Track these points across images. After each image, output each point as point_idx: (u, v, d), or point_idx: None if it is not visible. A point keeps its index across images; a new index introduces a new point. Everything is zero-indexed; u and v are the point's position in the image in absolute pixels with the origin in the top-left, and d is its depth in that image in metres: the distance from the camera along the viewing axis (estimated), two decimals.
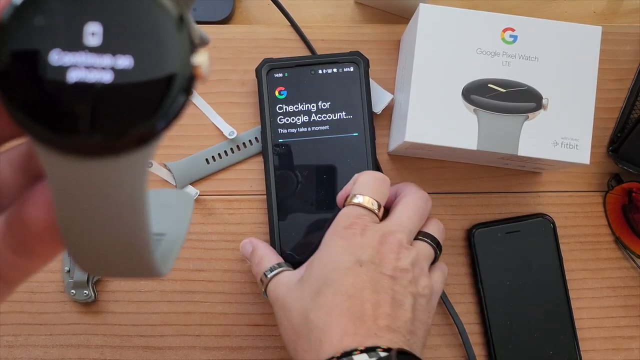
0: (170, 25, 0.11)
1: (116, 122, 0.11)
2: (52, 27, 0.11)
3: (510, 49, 0.37)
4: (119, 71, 0.11)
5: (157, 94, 0.11)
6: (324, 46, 0.44)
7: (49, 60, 0.11)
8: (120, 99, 0.11)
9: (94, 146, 0.11)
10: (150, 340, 0.42)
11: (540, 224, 0.42)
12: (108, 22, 0.11)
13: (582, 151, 0.36)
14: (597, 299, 0.43)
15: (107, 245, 0.13)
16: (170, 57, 0.11)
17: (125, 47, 0.11)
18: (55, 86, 0.11)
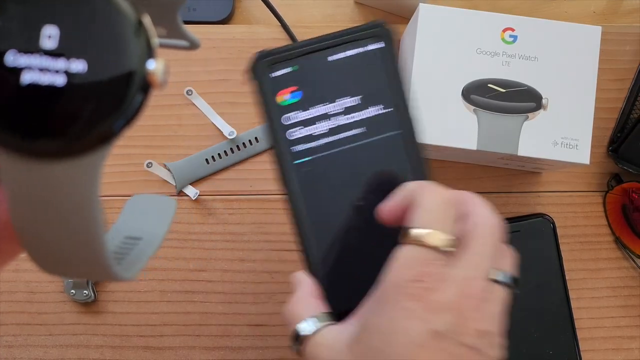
0: (127, 30, 0.11)
1: (68, 126, 0.11)
2: (9, 28, 0.11)
3: (510, 49, 0.37)
4: (72, 74, 0.11)
5: (108, 98, 0.11)
6: None
7: (4, 61, 0.11)
8: (73, 104, 0.11)
9: (46, 149, 0.11)
10: (149, 340, 0.42)
11: (540, 224, 0.42)
12: (65, 26, 0.11)
13: (582, 151, 0.36)
14: (597, 299, 0.43)
15: (61, 247, 0.13)
16: (125, 62, 0.11)
17: (80, 51, 0.11)
18: (8, 87, 0.11)
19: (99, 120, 0.11)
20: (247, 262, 0.42)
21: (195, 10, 0.44)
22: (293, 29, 0.44)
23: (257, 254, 0.43)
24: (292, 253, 0.43)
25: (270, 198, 0.43)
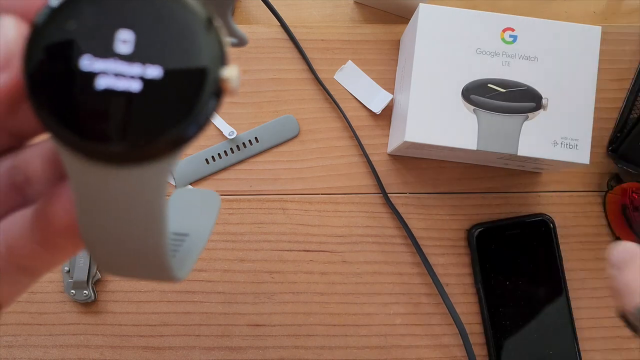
0: (201, 36, 0.11)
1: (141, 132, 0.11)
2: (85, 32, 0.11)
3: (510, 48, 0.37)
4: (147, 81, 0.11)
5: (182, 107, 0.11)
6: (323, 46, 0.44)
7: (79, 65, 0.11)
8: (146, 109, 0.11)
9: (117, 154, 0.11)
10: (149, 340, 0.42)
11: (540, 224, 0.42)
12: (140, 30, 0.11)
13: (581, 151, 0.36)
14: (596, 298, 0.43)
15: (124, 249, 0.13)
16: (200, 69, 0.11)
17: (155, 57, 0.11)
18: (83, 91, 0.11)
19: (172, 126, 0.11)
20: (247, 262, 0.42)
21: None
22: (293, 29, 0.44)
23: (257, 254, 0.43)
24: (292, 253, 0.43)
25: (270, 198, 0.43)
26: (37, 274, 0.15)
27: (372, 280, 0.43)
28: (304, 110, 0.44)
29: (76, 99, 0.11)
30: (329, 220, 0.43)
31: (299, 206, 0.43)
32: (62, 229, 0.13)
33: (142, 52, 0.11)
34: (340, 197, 0.43)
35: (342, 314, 0.42)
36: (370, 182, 0.43)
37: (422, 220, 0.43)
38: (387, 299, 0.42)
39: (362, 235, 0.43)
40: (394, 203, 0.43)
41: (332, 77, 0.44)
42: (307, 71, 0.44)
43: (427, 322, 0.42)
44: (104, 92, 0.11)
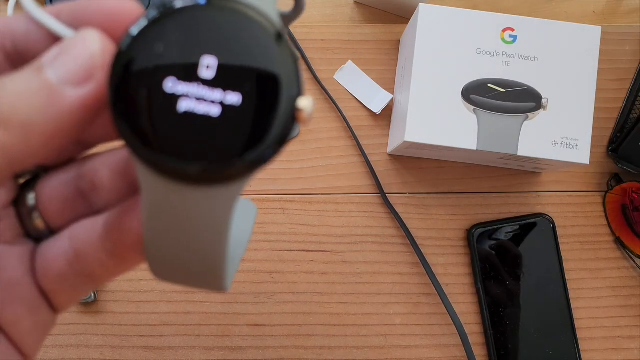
0: (283, 68, 0.12)
1: (218, 155, 0.12)
2: (170, 55, 0.11)
3: (510, 49, 0.37)
4: (227, 106, 0.11)
5: (258, 132, 0.11)
6: (322, 46, 0.44)
7: (163, 87, 0.11)
8: (224, 133, 0.11)
9: (194, 175, 0.12)
10: (150, 340, 0.42)
11: (540, 224, 0.42)
12: (223, 57, 0.11)
13: (581, 151, 0.36)
14: (596, 298, 0.43)
15: (186, 261, 0.14)
16: (277, 100, 0.12)
17: (236, 84, 0.11)
18: (165, 112, 0.11)
19: (248, 151, 0.12)
20: (247, 262, 0.42)
21: None
22: (292, 29, 0.43)
23: (257, 254, 0.43)
24: (292, 253, 0.43)
25: (270, 198, 0.43)
26: (98, 282, 0.15)
27: (372, 280, 0.42)
28: None
29: (158, 118, 0.11)
30: (329, 220, 0.43)
31: (299, 206, 0.43)
32: (134, 241, 0.14)
33: (223, 78, 0.11)
34: (341, 197, 0.43)
35: (342, 314, 0.42)
36: (371, 182, 0.43)
37: (422, 220, 0.43)
38: (387, 299, 0.42)
39: (362, 235, 0.43)
40: (394, 203, 0.43)
41: (332, 77, 0.44)
42: (306, 71, 0.44)
43: (427, 322, 0.42)
44: (184, 114, 0.11)
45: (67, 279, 0.15)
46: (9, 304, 0.13)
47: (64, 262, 0.14)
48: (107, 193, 0.15)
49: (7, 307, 0.13)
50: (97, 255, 0.14)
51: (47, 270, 0.15)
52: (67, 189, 0.15)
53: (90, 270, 0.15)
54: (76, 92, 0.11)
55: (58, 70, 0.11)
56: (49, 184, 0.15)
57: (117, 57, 0.11)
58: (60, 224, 0.15)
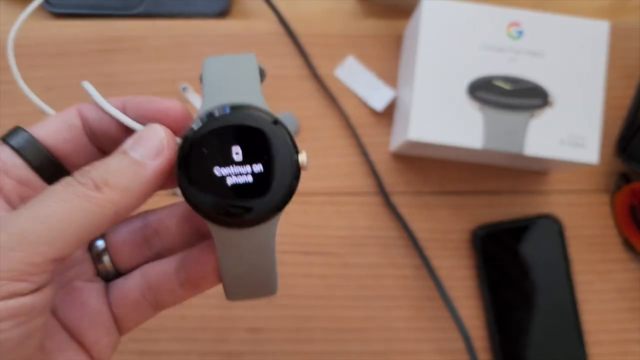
0: (282, 142, 0.18)
1: (258, 205, 0.18)
2: (213, 153, 0.18)
3: (516, 44, 0.36)
4: (255, 174, 0.18)
5: (278, 185, 0.18)
6: (323, 41, 0.43)
7: (214, 173, 0.18)
8: (258, 190, 0.18)
9: (247, 222, 0.18)
10: (145, 344, 0.41)
11: (547, 224, 0.42)
12: (245, 145, 0.18)
13: (589, 150, 0.36)
14: (604, 301, 0.42)
15: (251, 279, 0.20)
16: (285, 162, 0.18)
17: (257, 159, 0.18)
18: (220, 188, 0.18)
19: (275, 199, 0.18)
20: None
21: (191, 4, 0.43)
22: (291, 24, 0.43)
23: None
24: (292, 255, 0.42)
25: None
26: (163, 308, 0.21)
27: (374, 283, 0.42)
28: (304, 107, 0.43)
29: (218, 192, 0.18)
30: (329, 221, 0.42)
31: (298, 206, 0.42)
32: (209, 273, 0.20)
33: (248, 157, 0.18)
34: (341, 197, 0.43)
35: (342, 317, 0.42)
36: (372, 182, 0.43)
37: (426, 221, 0.42)
38: (389, 302, 0.42)
39: (364, 236, 0.42)
40: (397, 203, 0.42)
41: (332, 74, 0.43)
42: (306, 67, 0.43)
43: (431, 326, 0.42)
44: (232, 186, 0.18)
45: (138, 307, 0.20)
46: (92, 328, 0.19)
47: (138, 294, 0.20)
48: (173, 237, 0.21)
49: (91, 330, 0.19)
50: (171, 286, 0.20)
51: (123, 300, 0.20)
52: (135, 236, 0.21)
53: (162, 298, 0.20)
54: (154, 163, 0.18)
55: (140, 151, 0.18)
56: (119, 232, 0.21)
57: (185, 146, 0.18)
58: (127, 265, 0.21)
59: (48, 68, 0.42)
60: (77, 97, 0.42)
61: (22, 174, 0.18)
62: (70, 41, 0.43)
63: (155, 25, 0.43)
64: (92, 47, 0.43)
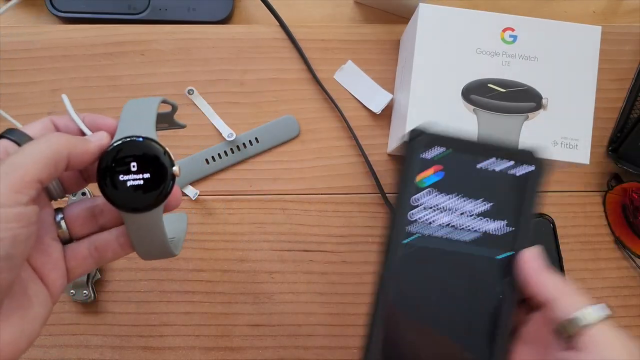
0: (162, 159, 0.26)
1: (148, 198, 0.26)
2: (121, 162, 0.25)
3: (510, 48, 0.37)
4: (145, 179, 0.25)
5: (161, 185, 0.26)
6: (323, 46, 0.44)
7: (119, 178, 0.25)
8: (147, 189, 0.25)
9: (139, 209, 0.26)
10: (149, 340, 0.42)
11: (540, 224, 0.42)
12: (139, 161, 0.26)
13: (582, 151, 0.36)
14: (597, 299, 0.42)
15: (151, 247, 0.28)
16: (163, 171, 0.26)
17: (146, 169, 0.25)
18: (123, 188, 0.25)
19: (158, 195, 0.26)
20: (247, 262, 0.42)
21: (195, 10, 0.44)
22: (292, 29, 0.43)
23: (257, 254, 0.43)
24: (292, 253, 0.43)
25: (270, 198, 0.43)
26: (104, 263, 0.30)
27: (372, 280, 0.42)
28: (304, 110, 0.44)
29: (122, 191, 0.25)
30: (328, 220, 0.43)
31: (299, 206, 0.43)
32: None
33: (140, 168, 0.25)
34: (341, 197, 0.43)
35: (342, 314, 0.42)
36: (371, 182, 0.43)
37: None
38: None
39: (362, 235, 0.43)
40: None
41: (332, 77, 0.44)
42: (307, 71, 0.44)
43: None
44: (130, 186, 0.25)
45: (85, 262, 0.27)
46: (52, 271, 0.26)
47: (86, 252, 0.27)
48: (112, 214, 0.28)
49: (51, 272, 0.26)
50: (112, 246, 0.28)
51: (75, 256, 0.27)
52: (86, 212, 0.28)
53: (104, 255, 0.28)
54: (95, 142, 0.26)
55: (91, 138, 0.26)
56: (74, 209, 0.28)
57: (102, 158, 0.25)
58: (78, 233, 0.28)
59: (54, 71, 0.43)
60: (82, 100, 0.43)
61: None
62: (75, 45, 0.43)
63: (159, 30, 0.44)
64: (97, 51, 0.43)
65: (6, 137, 0.25)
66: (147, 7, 0.44)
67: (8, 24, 0.45)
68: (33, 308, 0.25)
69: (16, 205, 0.22)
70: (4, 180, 0.22)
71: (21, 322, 0.24)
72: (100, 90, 0.43)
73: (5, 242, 0.21)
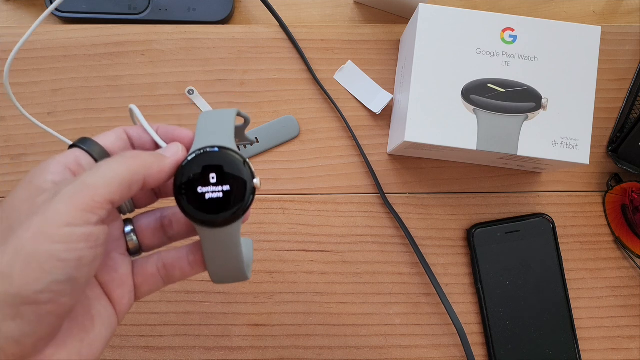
0: (243, 170, 0.24)
1: (227, 211, 0.24)
2: (197, 177, 0.24)
3: (510, 49, 0.37)
4: (225, 191, 0.24)
5: (241, 199, 0.24)
6: (322, 46, 0.44)
7: (197, 190, 0.24)
8: (227, 202, 0.24)
9: (219, 223, 0.24)
10: (149, 340, 0.42)
11: (540, 223, 0.42)
12: (218, 172, 0.24)
13: (581, 151, 0.36)
14: (596, 298, 0.43)
15: (226, 268, 0.26)
16: (244, 184, 0.24)
17: (225, 182, 0.24)
18: (201, 200, 0.24)
19: (237, 209, 0.24)
20: None
21: (195, 11, 0.44)
22: (292, 29, 0.43)
23: (257, 254, 0.43)
24: (292, 253, 0.43)
25: (270, 198, 0.43)
26: (172, 282, 0.27)
27: (372, 280, 0.42)
28: (304, 110, 0.44)
29: (200, 204, 0.24)
30: (328, 220, 0.43)
31: (299, 206, 0.43)
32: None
33: (220, 180, 0.24)
34: (340, 197, 0.43)
35: (341, 313, 0.42)
36: (370, 182, 0.43)
37: (422, 220, 0.43)
38: (386, 299, 0.42)
39: (362, 235, 0.43)
40: (394, 203, 0.43)
41: (331, 77, 0.44)
42: (306, 71, 0.44)
43: (427, 322, 0.42)
44: (209, 199, 0.24)
45: (153, 279, 0.26)
46: (119, 288, 0.25)
47: (154, 269, 0.26)
48: (182, 226, 0.27)
49: (118, 289, 0.25)
50: (181, 264, 0.26)
51: (143, 273, 0.26)
52: (156, 223, 0.27)
53: (172, 274, 0.27)
54: (171, 158, 0.25)
55: (165, 152, 0.25)
56: (143, 220, 0.27)
57: (180, 170, 0.24)
58: (149, 244, 0.27)
59: (54, 71, 0.43)
60: (82, 100, 0.43)
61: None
62: (76, 45, 0.43)
63: (159, 30, 0.44)
64: (97, 51, 0.43)
65: (78, 146, 0.24)
66: (147, 7, 0.44)
67: (7, 24, 0.45)
68: (95, 330, 0.23)
69: (85, 224, 0.21)
70: (72, 199, 0.21)
71: (79, 346, 0.22)
72: (101, 90, 0.43)
73: (70, 264, 0.20)
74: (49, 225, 0.20)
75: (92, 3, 0.43)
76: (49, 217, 0.20)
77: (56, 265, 0.20)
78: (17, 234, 0.20)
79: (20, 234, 0.20)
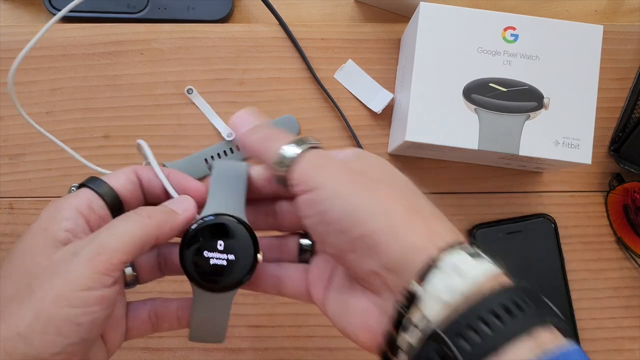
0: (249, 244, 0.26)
1: (226, 279, 0.26)
2: (206, 242, 0.26)
3: (511, 47, 0.37)
4: (228, 260, 0.26)
5: (243, 270, 0.26)
6: (323, 45, 0.44)
7: (203, 254, 0.25)
8: (229, 271, 0.26)
9: (214, 289, 0.26)
10: (148, 341, 0.41)
11: (542, 224, 0.42)
12: (226, 241, 0.26)
13: (583, 151, 0.36)
14: (598, 299, 0.43)
15: (210, 330, 0.28)
16: (248, 257, 0.26)
17: (232, 252, 0.26)
18: (205, 264, 0.25)
19: (238, 278, 0.26)
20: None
21: (194, 9, 0.44)
22: (292, 28, 0.43)
23: None
24: None
25: None
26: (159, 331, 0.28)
27: None
28: (305, 109, 0.44)
29: (203, 267, 0.26)
30: None
31: None
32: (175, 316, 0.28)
33: (226, 249, 0.26)
34: None
35: None
36: None
37: None
38: None
39: None
40: None
41: (332, 77, 0.44)
42: (306, 70, 0.44)
43: None
44: (213, 265, 0.25)
45: (143, 325, 0.27)
46: (113, 329, 0.26)
47: (146, 316, 0.27)
48: (175, 266, 0.27)
49: (112, 330, 0.25)
50: (170, 317, 0.28)
51: (135, 317, 0.27)
52: (152, 259, 0.28)
53: (161, 324, 0.28)
54: (182, 214, 0.26)
55: (176, 207, 0.26)
56: (142, 257, 0.28)
57: (190, 232, 0.26)
58: (144, 277, 0.28)
59: (53, 71, 0.43)
60: (81, 99, 0.43)
61: (103, 212, 0.25)
62: (74, 44, 0.43)
63: (158, 29, 0.43)
64: (96, 50, 0.43)
65: (88, 186, 0.25)
66: (146, 5, 0.44)
67: (6, 23, 0.45)
68: None
69: (101, 287, 0.22)
70: (91, 262, 0.22)
71: None
72: (100, 90, 0.43)
73: (84, 326, 0.21)
74: (69, 289, 0.21)
75: (91, 2, 0.43)
76: (69, 279, 0.21)
77: (73, 329, 0.21)
78: (37, 295, 0.21)
79: (41, 295, 0.21)
